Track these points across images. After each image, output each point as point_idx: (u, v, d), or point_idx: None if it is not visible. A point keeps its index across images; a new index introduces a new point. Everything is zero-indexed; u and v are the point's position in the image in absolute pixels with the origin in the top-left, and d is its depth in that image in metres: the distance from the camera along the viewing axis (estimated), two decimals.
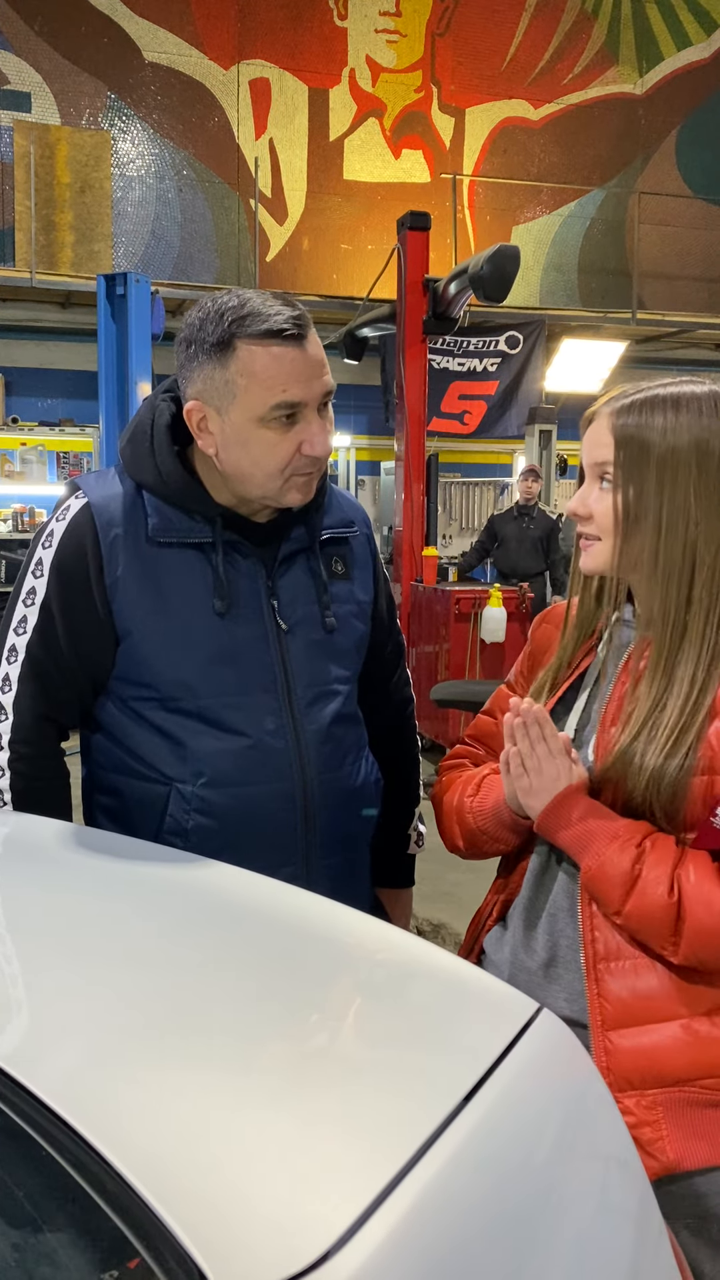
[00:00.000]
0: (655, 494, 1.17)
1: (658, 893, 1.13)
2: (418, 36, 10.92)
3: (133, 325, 6.29)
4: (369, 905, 1.62)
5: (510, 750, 1.22)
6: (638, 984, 1.18)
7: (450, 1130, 0.67)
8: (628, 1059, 1.16)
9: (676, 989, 1.17)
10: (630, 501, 1.18)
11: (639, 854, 1.14)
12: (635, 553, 1.20)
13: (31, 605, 1.43)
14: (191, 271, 10.30)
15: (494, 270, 5.68)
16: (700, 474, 1.16)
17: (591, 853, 1.16)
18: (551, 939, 1.27)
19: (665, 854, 1.14)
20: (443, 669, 6.38)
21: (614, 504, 1.19)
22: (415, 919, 3.50)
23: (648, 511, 1.18)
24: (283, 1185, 0.61)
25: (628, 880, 1.14)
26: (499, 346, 9.84)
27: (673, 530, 1.17)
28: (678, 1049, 1.16)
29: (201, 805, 1.39)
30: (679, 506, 1.17)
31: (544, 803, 1.19)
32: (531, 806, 1.21)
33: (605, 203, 11.48)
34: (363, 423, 10.89)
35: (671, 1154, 1.14)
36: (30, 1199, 0.63)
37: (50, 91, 9.89)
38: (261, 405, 1.30)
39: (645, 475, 1.17)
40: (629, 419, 1.18)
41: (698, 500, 1.16)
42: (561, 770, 1.19)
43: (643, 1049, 1.16)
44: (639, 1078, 1.16)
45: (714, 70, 11.76)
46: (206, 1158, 0.63)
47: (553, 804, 1.19)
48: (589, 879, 1.17)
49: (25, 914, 1.02)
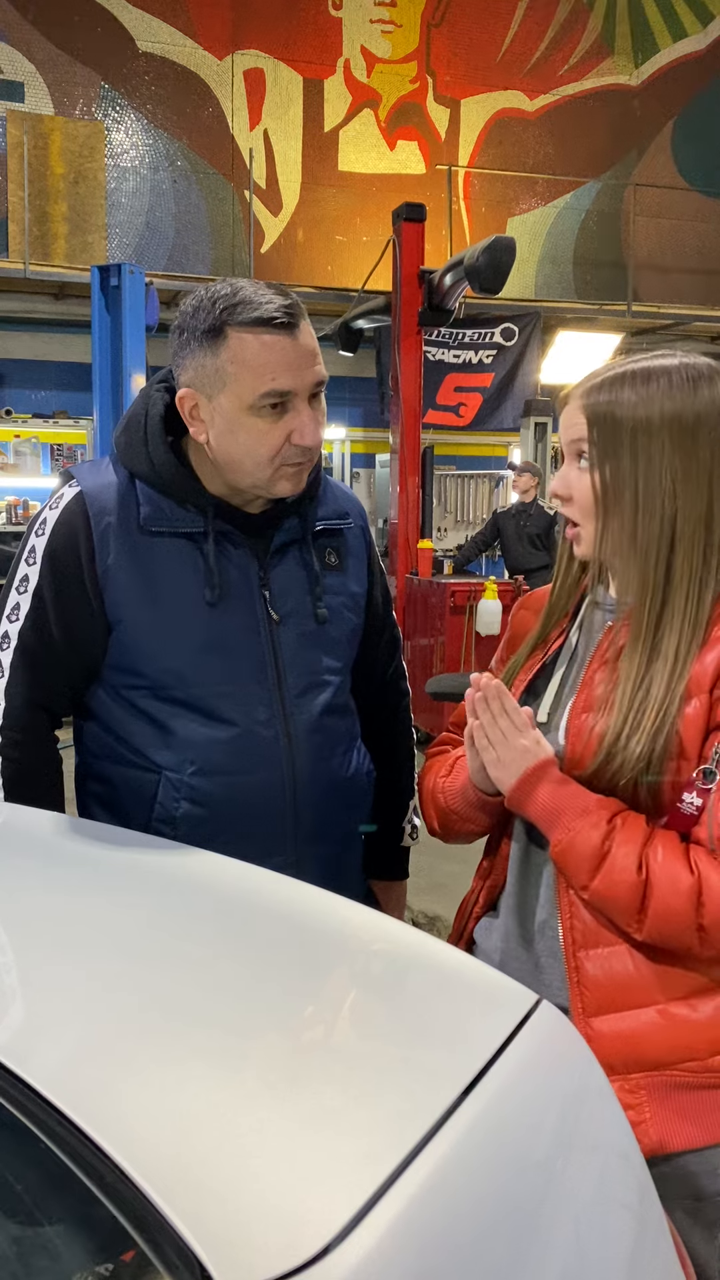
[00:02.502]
0: (630, 469, 1.17)
1: (626, 869, 1.13)
2: (413, 27, 10.88)
3: (127, 316, 6.28)
4: (361, 897, 1.62)
5: (473, 724, 1.22)
6: (615, 969, 1.19)
7: (450, 1123, 0.67)
8: (609, 1044, 1.17)
9: (653, 974, 1.18)
10: (607, 478, 1.18)
11: (609, 830, 1.15)
12: (616, 532, 1.20)
13: (24, 593, 1.43)
14: (186, 263, 10.26)
15: (489, 262, 5.67)
16: (674, 446, 1.16)
17: (561, 826, 1.16)
18: (540, 927, 1.28)
19: (635, 832, 1.14)
20: (438, 662, 6.38)
21: (592, 482, 1.20)
22: (410, 911, 3.50)
23: (624, 487, 1.18)
24: (283, 1178, 0.61)
25: (597, 856, 1.14)
26: (494, 338, 9.83)
27: (650, 505, 1.17)
28: (656, 1033, 1.17)
29: (191, 794, 1.39)
30: (655, 480, 1.16)
31: (514, 776, 1.19)
32: (500, 780, 1.21)
33: (601, 195, 11.46)
34: (358, 415, 10.87)
35: (655, 1135, 1.15)
36: (29, 1192, 0.63)
37: (44, 81, 9.84)
38: (251, 393, 1.30)
39: (620, 450, 1.17)
40: (600, 396, 1.19)
41: (674, 472, 1.16)
42: (529, 744, 1.19)
43: (622, 1034, 1.17)
44: (620, 1062, 1.17)
45: (710, 62, 11.73)
46: (206, 1150, 0.63)
47: (522, 778, 1.19)
48: (558, 853, 1.17)
49: (17, 905, 1.01)
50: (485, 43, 11.08)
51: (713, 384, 1.17)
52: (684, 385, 1.17)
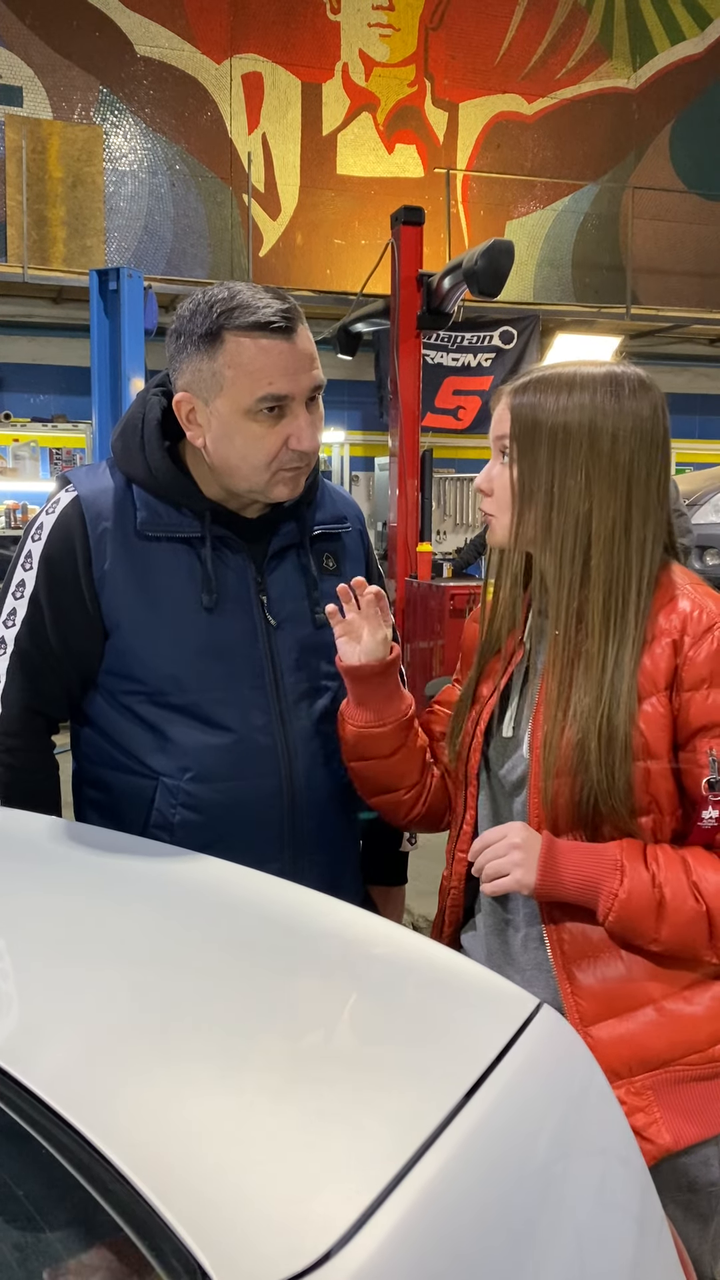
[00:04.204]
0: (546, 467, 1.20)
1: (686, 907, 1.13)
2: (411, 31, 10.89)
3: (125, 320, 6.28)
4: (359, 902, 1.61)
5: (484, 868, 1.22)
6: (609, 976, 1.19)
7: (452, 1128, 0.67)
8: (610, 1050, 1.17)
9: (647, 974, 1.18)
10: (525, 474, 1.21)
11: (651, 877, 1.14)
12: (530, 525, 1.22)
13: (21, 598, 1.42)
14: (184, 266, 10.26)
15: (488, 265, 5.67)
16: (591, 449, 1.18)
17: (605, 893, 1.16)
18: (523, 941, 1.28)
19: (674, 867, 1.15)
20: (437, 664, 6.38)
21: (510, 476, 1.22)
22: (410, 915, 3.49)
23: (540, 484, 1.20)
24: (285, 1183, 0.61)
25: (653, 908, 1.14)
26: (493, 341, 9.83)
27: (564, 503, 1.20)
28: (656, 1031, 1.17)
29: (188, 800, 1.39)
30: (570, 480, 1.19)
31: (533, 873, 1.18)
32: (524, 885, 1.20)
33: (599, 197, 11.47)
34: (357, 418, 10.87)
35: (668, 1136, 1.15)
36: (30, 1197, 0.63)
37: (42, 86, 9.85)
38: (248, 397, 1.29)
39: (538, 449, 1.20)
40: (525, 397, 1.22)
41: (588, 472, 1.19)
42: (527, 839, 1.19)
43: (623, 1037, 1.17)
44: (624, 1066, 1.17)
45: (707, 64, 11.74)
46: (207, 1155, 0.63)
47: (540, 866, 1.17)
48: (613, 921, 1.16)
49: (15, 910, 1.01)
50: (483, 46, 11.09)
51: (635, 396, 1.20)
52: (607, 394, 1.19)
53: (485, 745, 1.31)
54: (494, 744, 1.31)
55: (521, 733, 1.27)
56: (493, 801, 1.32)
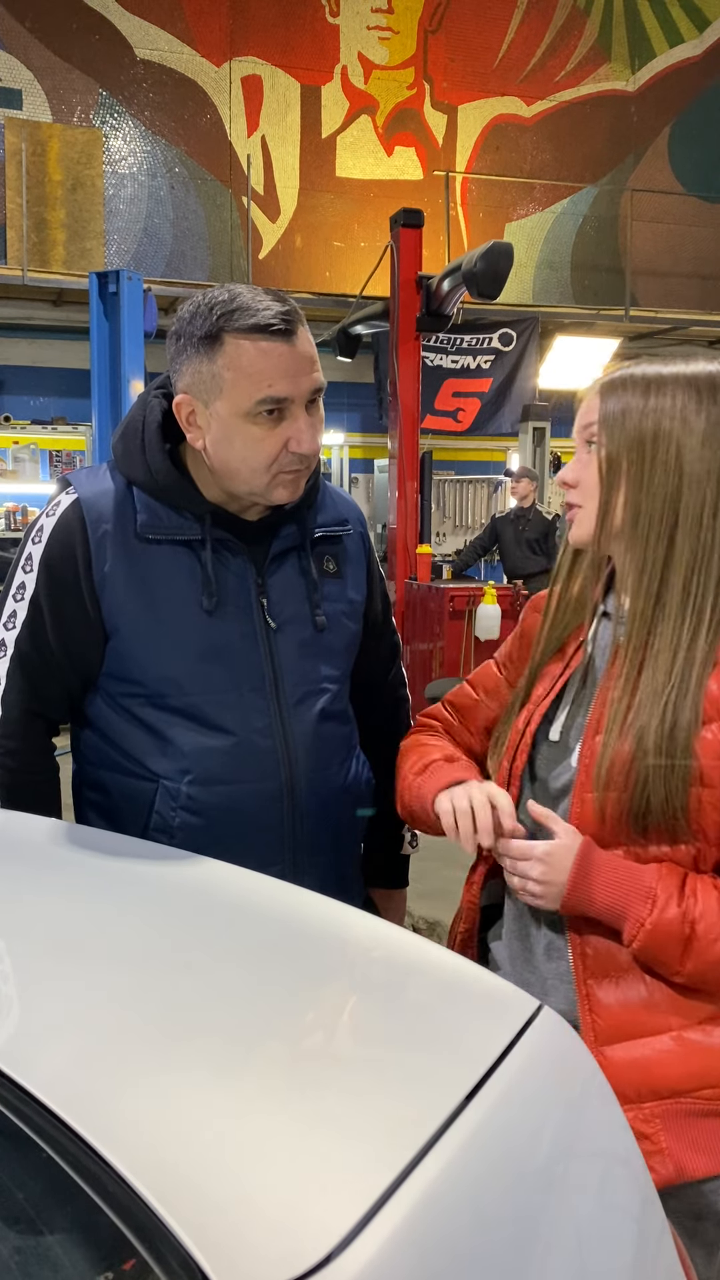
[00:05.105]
0: (636, 448, 1.16)
1: (716, 948, 1.10)
2: (410, 33, 10.91)
3: (125, 323, 6.28)
4: (360, 905, 1.61)
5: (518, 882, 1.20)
6: (629, 997, 1.16)
7: (452, 1130, 0.67)
8: (622, 1073, 1.13)
9: (668, 1001, 1.15)
10: (613, 456, 1.18)
11: (681, 914, 1.11)
12: (617, 511, 1.18)
13: (21, 600, 1.42)
14: (184, 269, 10.27)
15: (487, 267, 5.68)
16: (684, 429, 1.15)
17: (631, 919, 1.13)
18: (546, 949, 1.26)
19: (710, 901, 1.11)
20: (437, 666, 6.38)
21: (598, 462, 1.19)
22: (411, 917, 3.49)
23: (628, 464, 1.17)
24: (285, 1186, 0.61)
25: (680, 940, 1.11)
26: (492, 344, 9.84)
27: (652, 483, 1.16)
28: (672, 1060, 1.14)
29: (188, 803, 1.39)
30: (660, 457, 1.16)
31: (560, 888, 1.15)
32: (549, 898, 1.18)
33: (598, 200, 11.48)
34: (356, 420, 10.88)
35: (672, 1166, 1.12)
36: (30, 1200, 0.63)
37: (42, 89, 9.86)
38: (247, 400, 1.29)
39: (629, 436, 1.17)
40: (614, 388, 1.20)
41: (679, 453, 1.15)
42: (557, 849, 1.16)
43: (636, 1062, 1.14)
44: (634, 1091, 1.14)
45: (706, 67, 11.76)
46: (208, 1158, 0.63)
47: (570, 882, 1.15)
48: (638, 948, 1.13)
49: (15, 912, 1.01)
50: (482, 49, 11.11)
51: None
52: (696, 388, 1.16)
53: (532, 748, 1.28)
54: (540, 748, 1.27)
55: (571, 740, 1.23)
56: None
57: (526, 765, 1.28)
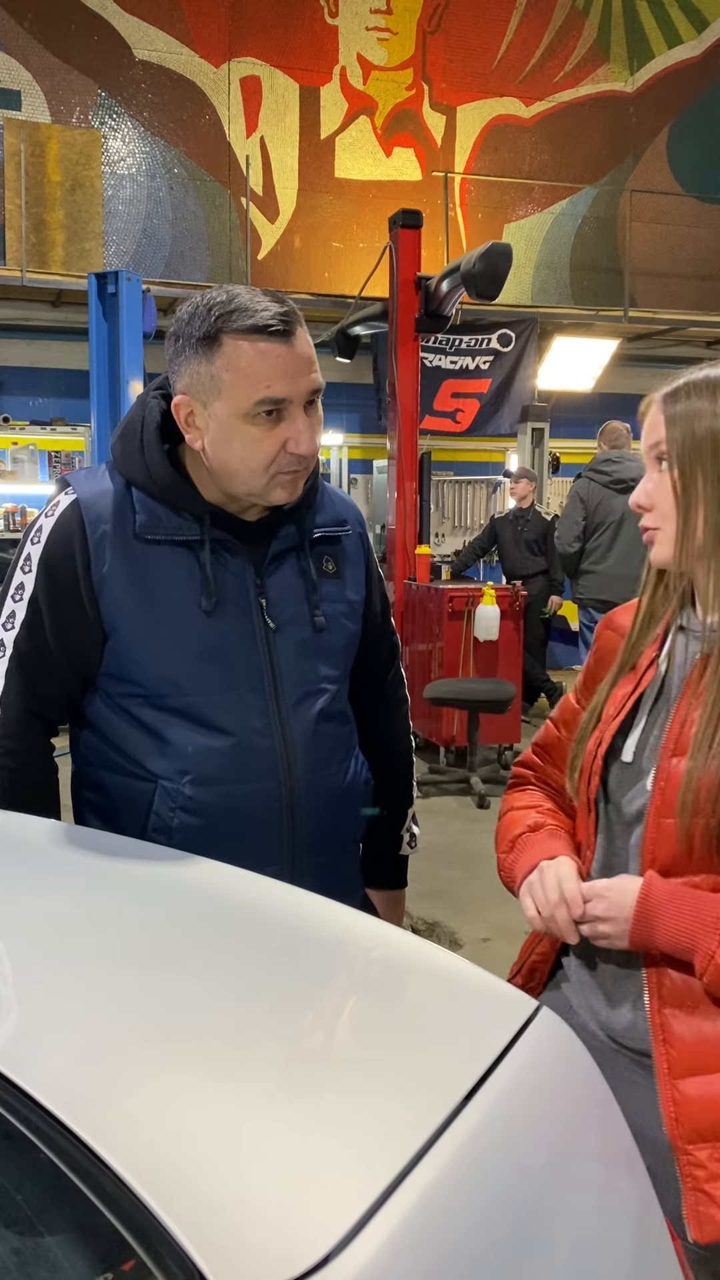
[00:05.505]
0: (712, 462, 1.13)
1: None
2: (409, 34, 10.91)
3: (124, 324, 6.28)
4: (358, 906, 1.62)
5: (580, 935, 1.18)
6: (705, 1030, 1.12)
7: (450, 1131, 0.67)
8: (697, 1108, 1.10)
9: None
10: (686, 474, 1.14)
11: None
12: (698, 530, 1.15)
13: (20, 601, 1.42)
14: (183, 270, 10.27)
15: (486, 268, 5.67)
16: None
17: (700, 951, 1.10)
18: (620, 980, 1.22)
19: None
20: (436, 667, 6.37)
21: (671, 480, 1.16)
22: (410, 917, 3.50)
23: (704, 481, 1.13)
24: (283, 1187, 0.61)
25: None
26: (491, 344, 9.83)
27: None
28: None
29: (187, 803, 1.39)
30: None
31: (625, 924, 1.13)
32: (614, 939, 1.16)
33: (597, 200, 11.48)
34: (355, 421, 10.87)
35: None
36: (28, 1201, 0.63)
37: (40, 89, 9.85)
38: (245, 400, 1.29)
39: (700, 447, 1.14)
40: (678, 399, 1.17)
41: None
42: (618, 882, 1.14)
43: (713, 1098, 1.10)
44: (710, 1129, 1.09)
45: (705, 68, 11.76)
46: (206, 1159, 0.63)
47: (633, 926, 1.13)
48: (709, 982, 1.10)
49: (13, 913, 1.01)
50: (481, 50, 11.10)
51: None
52: None
53: (605, 770, 1.23)
54: (613, 770, 1.23)
55: (645, 763, 1.19)
56: (609, 832, 1.25)
57: (600, 789, 1.24)
